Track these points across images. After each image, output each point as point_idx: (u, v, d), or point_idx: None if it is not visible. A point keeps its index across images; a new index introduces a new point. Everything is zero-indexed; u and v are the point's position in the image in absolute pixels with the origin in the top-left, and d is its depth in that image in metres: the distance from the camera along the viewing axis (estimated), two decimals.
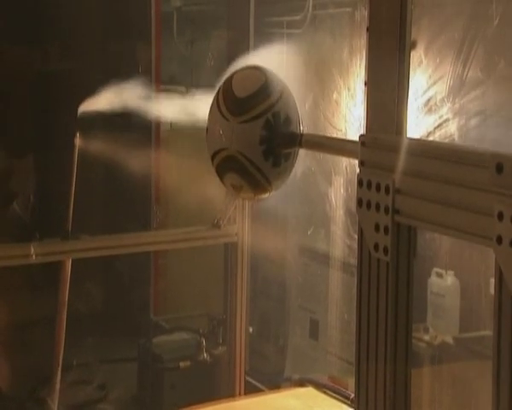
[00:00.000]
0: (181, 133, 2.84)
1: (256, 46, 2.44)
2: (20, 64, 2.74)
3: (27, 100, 2.81)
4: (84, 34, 2.87)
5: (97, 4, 2.94)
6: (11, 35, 2.73)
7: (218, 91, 1.56)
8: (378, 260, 1.25)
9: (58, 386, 2.42)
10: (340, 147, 1.54)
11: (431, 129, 2.08)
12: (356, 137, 1.32)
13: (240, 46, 2.44)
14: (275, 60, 1.64)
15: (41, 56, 2.78)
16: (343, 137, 2.33)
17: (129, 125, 2.45)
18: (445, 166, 1.15)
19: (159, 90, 2.96)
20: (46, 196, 2.81)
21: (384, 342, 1.25)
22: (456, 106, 2.05)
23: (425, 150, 1.21)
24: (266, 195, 1.58)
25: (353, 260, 2.25)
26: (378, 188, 1.25)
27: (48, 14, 2.80)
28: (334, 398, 2.05)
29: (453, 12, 2.09)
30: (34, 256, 2.26)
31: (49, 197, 2.78)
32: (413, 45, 1.26)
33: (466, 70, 2.05)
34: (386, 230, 1.23)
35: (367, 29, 1.29)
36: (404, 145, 1.22)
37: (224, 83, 1.56)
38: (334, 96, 2.42)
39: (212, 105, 1.56)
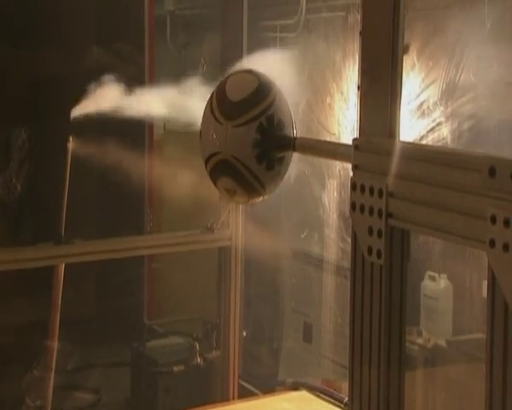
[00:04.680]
0: (174, 137, 2.85)
1: (249, 50, 2.44)
2: (13, 67, 2.73)
3: (20, 103, 2.80)
4: (78, 38, 2.87)
5: (91, 8, 2.94)
6: (4, 37, 2.73)
7: (212, 95, 1.56)
8: (371, 263, 1.25)
9: (51, 391, 2.41)
10: (333, 150, 1.54)
11: (424, 132, 2.09)
12: (349, 141, 1.32)
13: (233, 50, 2.45)
14: (268, 64, 1.65)
15: (34, 59, 2.78)
16: (336, 140, 2.33)
17: (122, 128, 2.45)
18: (438, 169, 1.15)
19: (152, 94, 2.96)
20: (39, 201, 2.80)
21: (378, 345, 1.25)
22: (449, 109, 2.06)
23: (418, 154, 1.21)
24: (260, 198, 1.58)
25: (347, 264, 2.26)
26: (371, 191, 1.25)
27: (42, 18, 2.79)
28: (328, 401, 2.05)
29: (446, 16, 2.09)
30: (27, 261, 2.25)
31: (42, 202, 2.77)
32: (406, 49, 1.26)
33: (458, 74, 2.06)
34: (379, 233, 1.24)
35: (360, 33, 1.30)
36: (397, 149, 1.22)
37: (218, 87, 1.56)
38: (328, 99, 2.42)
39: (205, 109, 1.56)
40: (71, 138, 2.42)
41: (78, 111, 2.34)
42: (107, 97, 2.25)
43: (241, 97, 1.51)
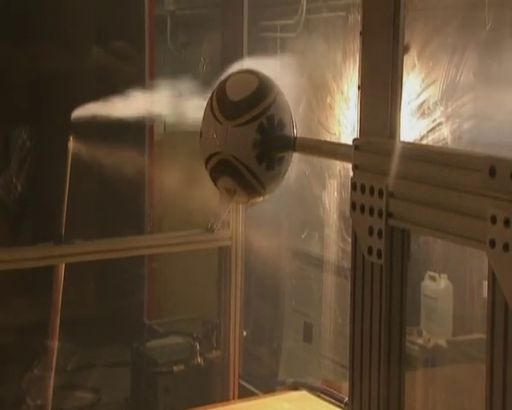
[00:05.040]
0: (174, 137, 2.85)
1: (250, 50, 2.44)
2: (13, 67, 2.73)
3: (21, 103, 2.80)
4: (78, 38, 2.87)
5: (91, 8, 2.94)
6: (4, 38, 2.73)
7: (212, 95, 1.56)
8: (372, 263, 1.25)
9: (51, 390, 2.41)
10: (333, 150, 1.54)
11: (424, 132, 2.09)
12: (349, 141, 1.32)
13: (233, 50, 2.45)
14: (268, 63, 1.65)
15: (34, 59, 2.77)
16: (337, 140, 2.33)
17: (122, 128, 2.46)
18: (439, 169, 1.15)
19: (152, 94, 2.96)
20: (39, 201, 2.80)
21: (378, 345, 1.25)
22: (449, 109, 2.06)
23: (418, 154, 1.21)
24: (260, 198, 1.58)
25: (347, 264, 2.26)
26: (372, 191, 1.25)
27: (42, 18, 2.79)
28: (328, 401, 2.05)
29: (446, 16, 2.09)
30: (27, 261, 2.25)
31: (42, 201, 2.77)
32: (406, 49, 1.26)
33: (459, 74, 2.06)
34: (379, 233, 1.24)
35: (360, 33, 1.30)
36: (398, 149, 1.22)
37: (218, 86, 1.56)
38: (328, 99, 2.42)
39: (205, 109, 1.56)
40: (71, 138, 2.42)
41: (79, 111, 2.34)
42: (106, 97, 2.25)
43: (241, 97, 1.51)
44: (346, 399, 1.75)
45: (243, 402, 2.27)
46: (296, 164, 1.59)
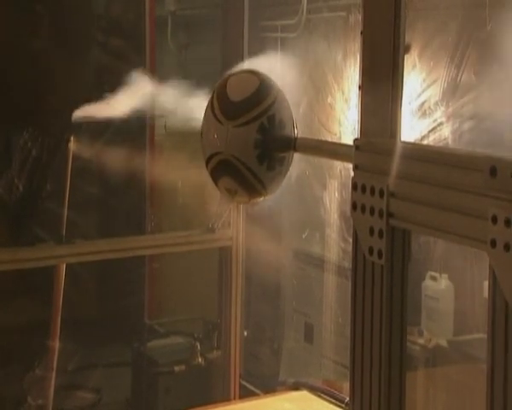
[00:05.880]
0: (175, 137, 2.85)
1: (250, 50, 2.45)
2: (14, 68, 2.74)
3: (22, 104, 2.80)
4: (79, 38, 2.87)
5: (92, 9, 2.94)
6: (4, 39, 2.73)
7: (213, 95, 1.56)
8: (373, 263, 1.25)
9: (52, 390, 2.41)
10: (334, 151, 1.54)
11: (425, 132, 2.09)
12: (350, 141, 1.33)
13: (234, 50, 2.45)
14: (269, 63, 1.65)
15: (35, 60, 2.78)
16: (337, 140, 2.33)
17: (123, 128, 2.45)
18: (439, 169, 1.15)
19: (152, 94, 2.96)
20: (40, 201, 2.80)
21: (379, 345, 1.25)
22: (450, 109, 2.06)
23: (419, 154, 1.21)
24: (261, 199, 1.58)
25: (348, 264, 2.26)
26: (372, 192, 1.25)
27: (42, 18, 2.80)
28: (329, 402, 2.05)
29: (447, 16, 2.09)
30: (28, 261, 2.26)
31: (43, 201, 2.77)
32: (407, 49, 1.26)
33: (460, 74, 2.06)
34: (380, 233, 1.24)
35: (361, 33, 1.30)
36: (398, 149, 1.22)
37: (219, 86, 1.56)
38: (329, 99, 2.42)
39: (206, 109, 1.56)
40: (72, 138, 2.43)
41: (79, 111, 2.34)
42: (107, 98, 2.25)
43: (242, 97, 1.51)
44: (347, 399, 1.75)
45: (244, 402, 2.28)
46: (297, 164, 1.59)
